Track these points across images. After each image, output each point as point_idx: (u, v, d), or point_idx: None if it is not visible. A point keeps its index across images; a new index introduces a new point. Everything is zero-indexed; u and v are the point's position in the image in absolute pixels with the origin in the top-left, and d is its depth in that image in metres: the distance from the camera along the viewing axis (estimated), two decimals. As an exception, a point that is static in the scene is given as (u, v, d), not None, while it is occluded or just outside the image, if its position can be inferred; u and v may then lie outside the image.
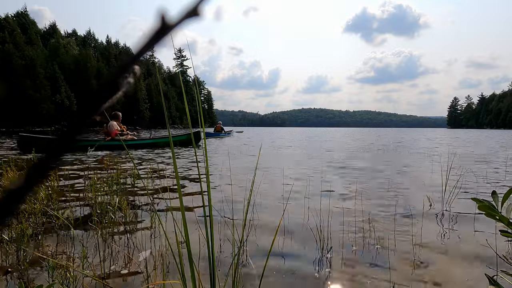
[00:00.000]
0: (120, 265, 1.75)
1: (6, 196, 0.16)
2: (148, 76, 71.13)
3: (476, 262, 1.80)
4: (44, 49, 49.46)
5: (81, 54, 53.96)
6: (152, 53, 0.20)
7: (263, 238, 2.17)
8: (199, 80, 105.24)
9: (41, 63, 44.92)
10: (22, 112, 41.00)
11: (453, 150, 10.02)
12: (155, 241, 2.11)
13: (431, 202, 3.12)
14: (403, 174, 5.09)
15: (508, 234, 0.76)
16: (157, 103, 67.12)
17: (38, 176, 0.17)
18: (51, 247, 1.99)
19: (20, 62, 41.56)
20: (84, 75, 50.54)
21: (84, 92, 0.16)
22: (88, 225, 2.40)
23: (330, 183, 4.15)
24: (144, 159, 7.03)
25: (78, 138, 0.18)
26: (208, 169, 1.10)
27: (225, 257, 1.87)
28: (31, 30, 50.03)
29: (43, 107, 43.58)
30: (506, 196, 0.78)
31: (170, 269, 1.70)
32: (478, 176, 4.79)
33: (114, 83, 0.18)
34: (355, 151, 9.88)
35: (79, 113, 0.17)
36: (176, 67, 18.30)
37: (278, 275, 1.65)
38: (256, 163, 2.86)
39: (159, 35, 0.17)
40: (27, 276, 1.62)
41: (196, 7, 0.18)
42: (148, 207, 2.93)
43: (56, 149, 0.17)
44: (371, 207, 2.95)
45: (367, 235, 2.21)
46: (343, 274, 1.66)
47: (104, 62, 59.35)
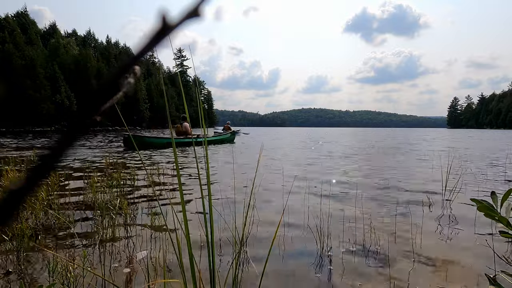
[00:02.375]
0: (120, 265, 1.75)
1: (7, 196, 0.16)
2: (148, 76, 71.12)
3: (476, 262, 1.80)
4: (44, 49, 49.43)
5: (81, 54, 53.94)
6: (152, 53, 0.20)
7: (263, 238, 2.17)
8: (199, 80, 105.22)
9: (41, 63, 44.90)
10: (22, 112, 40.99)
11: (453, 150, 10.02)
12: (155, 241, 2.11)
13: (431, 202, 3.12)
14: (403, 174, 5.09)
15: (507, 235, 0.76)
16: (157, 103, 67.09)
17: (39, 177, 0.17)
18: (51, 247, 1.99)
19: (20, 62, 41.56)
20: (84, 75, 50.52)
21: (85, 92, 0.16)
22: (89, 225, 2.40)
23: (330, 183, 4.15)
24: (147, 159, 7.03)
25: (78, 139, 0.18)
26: (208, 170, 1.11)
27: (225, 257, 1.88)
28: (31, 30, 49.99)
29: (43, 107, 43.57)
30: (505, 197, 0.78)
31: (170, 269, 1.70)
32: (478, 176, 4.79)
33: (115, 83, 0.18)
34: (355, 151, 9.88)
35: (80, 113, 0.17)
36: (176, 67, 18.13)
37: (278, 275, 1.65)
38: (256, 168, 2.85)
39: (160, 35, 0.17)
40: (27, 276, 1.62)
41: (196, 7, 0.18)
42: (147, 206, 2.93)
43: (57, 150, 0.17)
44: (371, 207, 2.95)
45: (367, 235, 2.21)
46: (343, 274, 1.66)
47: (104, 62, 59.32)
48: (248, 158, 7.24)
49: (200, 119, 1.06)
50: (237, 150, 9.66)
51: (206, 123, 18.13)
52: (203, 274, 1.59)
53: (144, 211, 2.81)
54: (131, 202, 3.08)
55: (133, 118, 61.13)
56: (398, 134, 34.00)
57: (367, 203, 3.07)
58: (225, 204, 2.99)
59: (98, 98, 0.18)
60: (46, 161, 0.16)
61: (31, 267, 1.71)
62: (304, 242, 2.10)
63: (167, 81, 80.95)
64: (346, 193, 3.57)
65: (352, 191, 3.66)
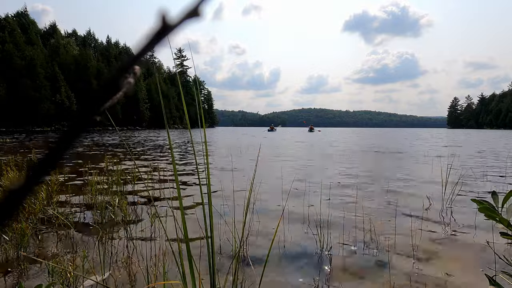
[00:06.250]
0: (120, 265, 1.75)
1: (7, 196, 0.16)
2: (148, 76, 71.11)
3: (476, 262, 1.80)
4: (44, 49, 49.40)
5: (81, 54, 53.94)
6: (152, 53, 0.20)
7: (263, 238, 2.17)
8: (199, 80, 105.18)
9: (41, 63, 44.89)
10: (22, 112, 41.00)
11: (453, 150, 10.01)
12: (155, 241, 2.11)
13: (431, 202, 3.12)
14: (403, 174, 5.08)
15: (508, 236, 0.75)
16: (157, 103, 67.09)
17: (39, 176, 0.16)
18: (51, 247, 1.99)
19: (20, 62, 41.54)
20: (84, 75, 50.50)
21: (85, 92, 0.16)
22: (88, 225, 2.40)
23: (330, 183, 4.14)
24: (147, 159, 7.02)
25: (78, 139, 0.18)
26: (208, 171, 1.10)
27: (225, 257, 1.87)
28: (31, 30, 49.98)
29: (43, 107, 43.57)
30: (506, 198, 0.77)
31: (170, 269, 1.70)
32: (477, 176, 4.79)
33: (115, 83, 0.18)
34: (355, 151, 9.87)
35: (80, 113, 0.17)
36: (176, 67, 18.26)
37: (278, 275, 1.65)
38: (255, 169, 2.87)
39: (160, 35, 0.17)
40: (27, 276, 1.62)
41: (196, 7, 0.18)
42: (148, 207, 2.93)
43: (56, 150, 0.17)
44: (372, 207, 2.95)
45: (367, 235, 2.20)
46: (343, 273, 1.66)
47: (104, 62, 59.32)
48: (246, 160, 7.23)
49: (199, 119, 1.06)
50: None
51: (206, 123, 18.71)
52: (203, 275, 1.59)
53: (144, 211, 2.81)
54: (131, 202, 3.08)
55: (133, 118, 61.15)
56: (398, 134, 33.98)
57: (367, 203, 3.07)
58: (225, 204, 2.99)
59: (98, 98, 0.17)
60: (46, 160, 0.17)
61: (31, 267, 1.71)
62: (304, 242, 2.10)
63: (167, 81, 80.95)
64: (346, 193, 3.57)
65: (352, 191, 3.65)
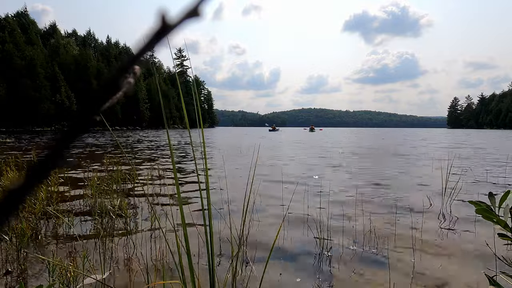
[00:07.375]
0: (120, 265, 1.75)
1: (7, 196, 0.16)
2: (148, 76, 71.11)
3: (476, 262, 1.80)
4: (44, 49, 49.40)
5: (81, 54, 53.94)
6: (152, 53, 0.20)
7: (263, 238, 2.17)
8: (199, 80, 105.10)
9: (41, 63, 44.90)
10: (22, 112, 41.00)
11: (453, 151, 10.02)
12: (155, 241, 2.11)
13: (431, 202, 3.12)
14: (403, 174, 5.09)
15: (507, 237, 0.75)
16: (157, 103, 67.10)
17: (39, 177, 0.16)
18: (51, 247, 1.99)
19: (20, 62, 41.55)
20: (84, 75, 50.51)
21: (85, 92, 0.16)
22: (89, 225, 2.40)
23: (331, 183, 4.15)
24: (147, 158, 7.02)
25: (78, 139, 0.18)
26: (207, 170, 1.10)
27: (225, 257, 1.87)
28: (31, 30, 49.98)
29: (43, 107, 43.57)
30: (503, 198, 0.77)
31: (170, 269, 1.70)
32: (477, 176, 4.79)
33: (115, 83, 0.18)
34: (355, 151, 9.88)
35: (80, 113, 0.17)
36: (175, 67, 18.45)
37: (278, 275, 1.65)
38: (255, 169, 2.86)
39: (160, 35, 0.17)
40: (27, 276, 1.62)
41: (196, 7, 0.18)
42: (148, 207, 2.93)
43: (57, 150, 0.17)
44: (372, 207, 2.95)
45: (367, 235, 2.21)
46: (343, 274, 1.66)
47: (104, 62, 59.33)
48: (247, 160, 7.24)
49: (197, 119, 1.06)
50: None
51: (206, 123, 18.64)
52: (203, 275, 1.59)
53: (144, 211, 2.81)
54: (131, 202, 3.08)
55: (133, 118, 61.16)
56: (398, 134, 33.98)
57: (367, 203, 3.07)
58: (225, 204, 2.99)
59: (98, 98, 0.18)
60: (46, 160, 0.17)
61: (31, 267, 1.71)
62: (304, 242, 2.10)
63: (167, 81, 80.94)
64: (346, 193, 3.57)
65: (352, 191, 3.66)
